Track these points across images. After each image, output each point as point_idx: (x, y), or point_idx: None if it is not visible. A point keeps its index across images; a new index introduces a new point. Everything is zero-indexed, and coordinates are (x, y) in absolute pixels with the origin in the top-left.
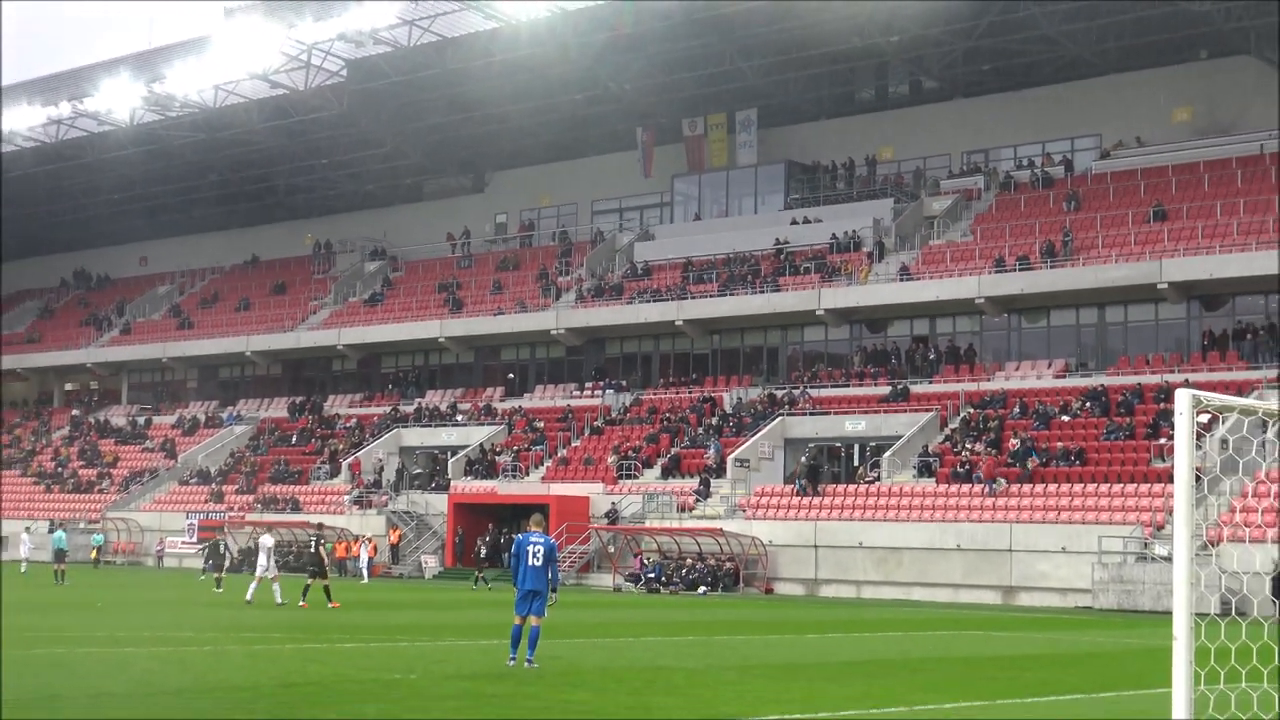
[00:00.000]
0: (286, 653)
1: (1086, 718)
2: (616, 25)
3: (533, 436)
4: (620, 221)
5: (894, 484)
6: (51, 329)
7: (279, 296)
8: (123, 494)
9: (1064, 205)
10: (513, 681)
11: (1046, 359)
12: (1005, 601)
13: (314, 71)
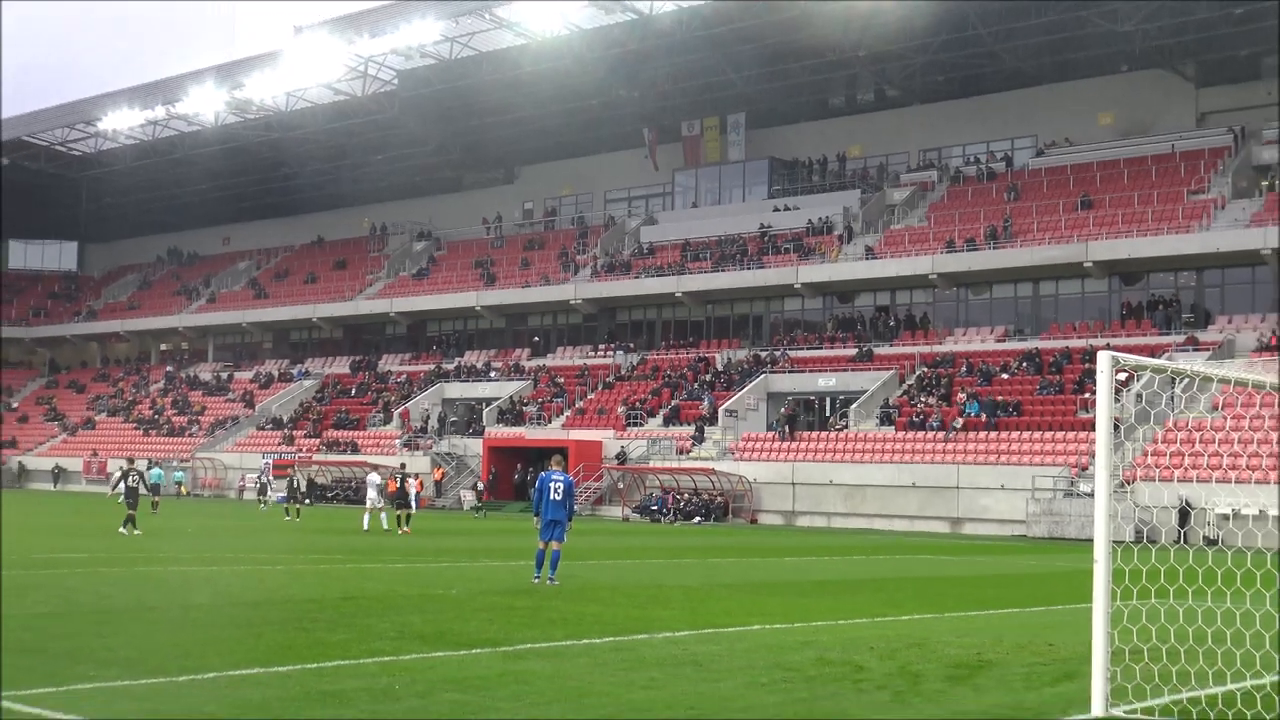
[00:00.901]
0: (347, 571)
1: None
2: (625, 42)
3: (554, 390)
4: (629, 208)
5: (859, 431)
6: (149, 298)
7: (340, 271)
8: (209, 438)
9: (1005, 196)
10: (537, 596)
11: (989, 326)
12: (953, 531)
13: (370, 80)
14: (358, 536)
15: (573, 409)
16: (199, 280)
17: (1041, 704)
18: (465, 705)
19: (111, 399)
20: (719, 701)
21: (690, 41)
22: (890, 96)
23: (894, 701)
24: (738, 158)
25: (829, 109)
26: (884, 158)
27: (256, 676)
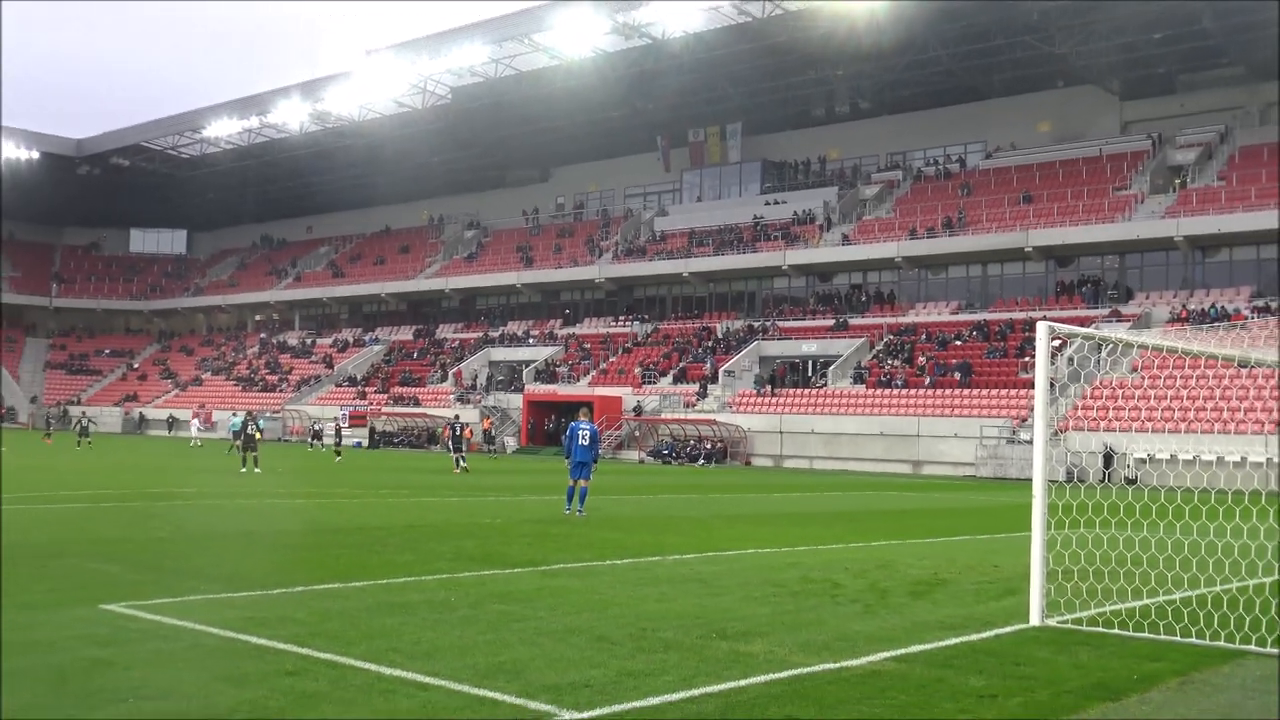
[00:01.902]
0: (411, 504)
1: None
2: (642, 63)
3: (582, 354)
4: (644, 202)
5: (836, 388)
6: (245, 277)
7: (404, 255)
8: (295, 393)
9: (959, 192)
10: (568, 525)
11: (945, 300)
12: (914, 472)
13: (428, 95)
14: (421, 475)
15: (597, 369)
16: (286, 262)
17: (988, 615)
18: (510, 614)
19: (215, 360)
20: (720, 611)
21: (696, 62)
22: (863, 108)
23: (865, 613)
24: (735, 160)
25: (811, 119)
26: (858, 160)
27: (336, 590)
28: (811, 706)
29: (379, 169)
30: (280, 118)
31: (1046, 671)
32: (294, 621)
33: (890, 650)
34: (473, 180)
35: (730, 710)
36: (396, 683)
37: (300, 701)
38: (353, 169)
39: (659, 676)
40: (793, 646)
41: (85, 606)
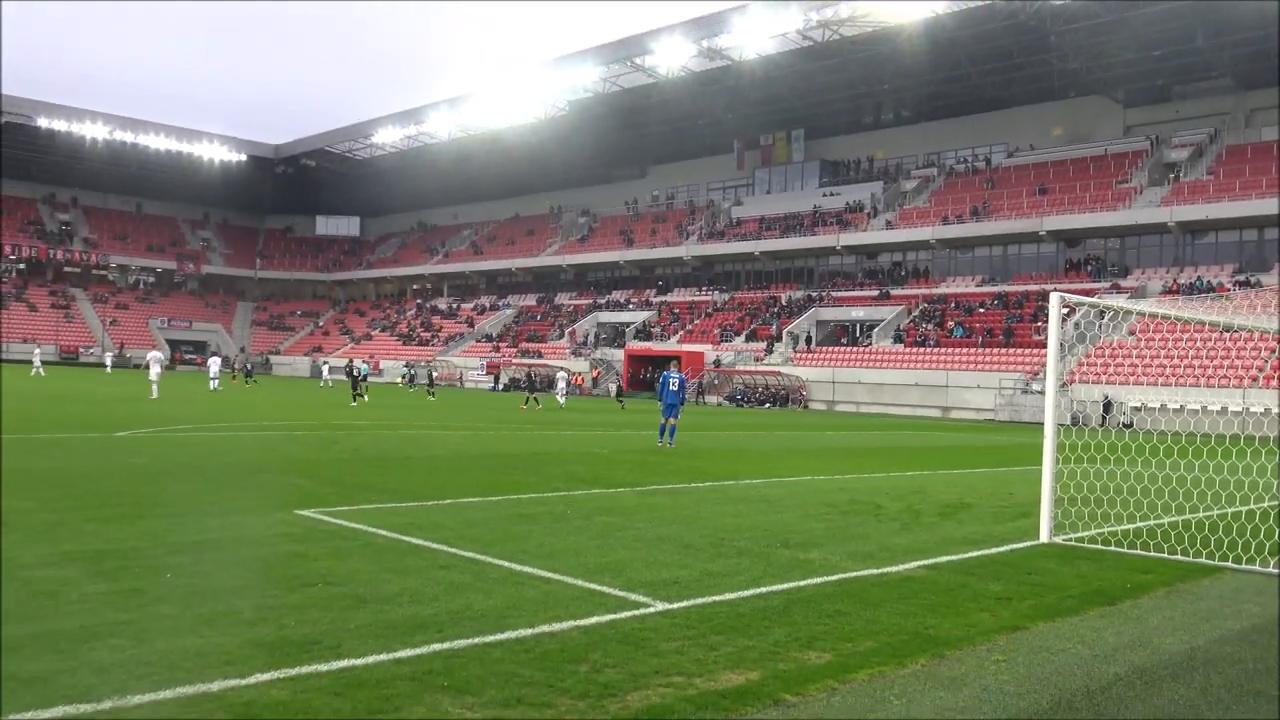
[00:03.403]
0: (535, 436)
1: (990, 481)
2: (722, 80)
3: (672, 317)
4: (723, 195)
5: (880, 346)
6: (405, 254)
7: (530, 237)
8: (444, 347)
9: (985, 185)
10: (662, 455)
11: (972, 275)
12: (943, 416)
13: (550, 108)
14: (543, 412)
15: (684, 330)
16: (437, 242)
17: (1005, 534)
18: (613, 525)
19: (381, 321)
20: (783, 526)
21: (767, 80)
22: (905, 116)
23: (902, 529)
24: (798, 159)
25: (862, 125)
26: (900, 159)
27: (476, 503)
28: (857, 603)
29: (510, 167)
30: (432, 127)
31: (1053, 580)
32: (444, 527)
33: (923, 560)
34: (585, 176)
35: (792, 604)
36: (525, 577)
37: (450, 590)
38: (490, 167)
39: (734, 576)
40: (842, 555)
41: (283, 511)
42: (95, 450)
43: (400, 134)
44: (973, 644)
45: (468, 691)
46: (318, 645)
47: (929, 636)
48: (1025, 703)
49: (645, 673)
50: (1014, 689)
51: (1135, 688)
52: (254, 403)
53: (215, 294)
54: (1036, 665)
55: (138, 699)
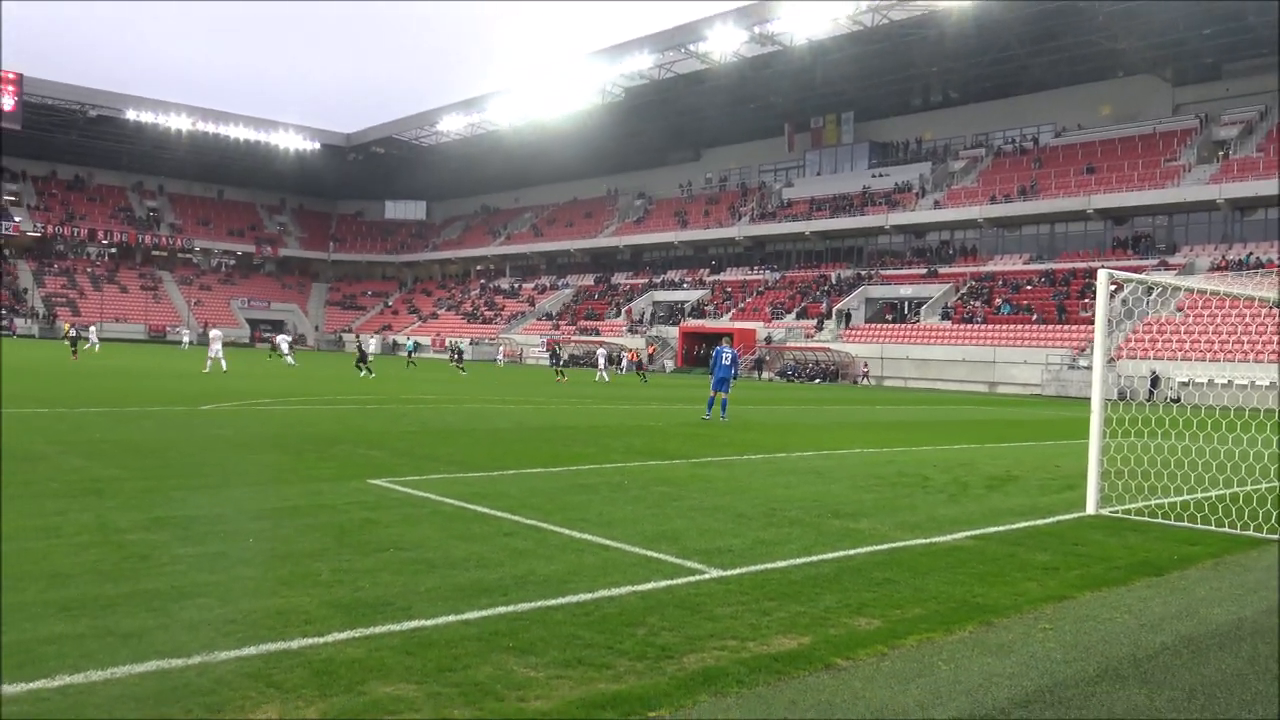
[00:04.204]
0: (593, 410)
1: (1037, 455)
2: (774, 64)
3: (725, 295)
4: (774, 176)
5: (927, 323)
6: (469, 237)
7: (588, 219)
8: (506, 325)
9: (1032, 165)
10: (713, 427)
11: (1019, 253)
12: (989, 391)
13: (607, 94)
14: (600, 386)
15: (736, 308)
16: (500, 225)
17: (1051, 505)
18: (669, 495)
19: (447, 300)
20: (833, 497)
21: (817, 64)
22: (953, 97)
23: (949, 501)
24: (848, 141)
25: (911, 107)
26: (948, 139)
27: (538, 473)
28: (906, 572)
29: (569, 152)
30: (494, 114)
31: (1100, 551)
32: (507, 496)
33: (970, 530)
34: (640, 160)
35: (842, 572)
36: (585, 544)
37: (513, 555)
38: (549, 152)
39: (785, 545)
40: (891, 525)
41: (357, 480)
42: (182, 423)
43: (464, 121)
44: (1020, 612)
45: (531, 652)
46: (390, 606)
47: (976, 604)
48: (1072, 670)
49: (700, 636)
50: (1060, 656)
51: (1182, 656)
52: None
53: (291, 275)
54: (1083, 634)
55: (224, 655)
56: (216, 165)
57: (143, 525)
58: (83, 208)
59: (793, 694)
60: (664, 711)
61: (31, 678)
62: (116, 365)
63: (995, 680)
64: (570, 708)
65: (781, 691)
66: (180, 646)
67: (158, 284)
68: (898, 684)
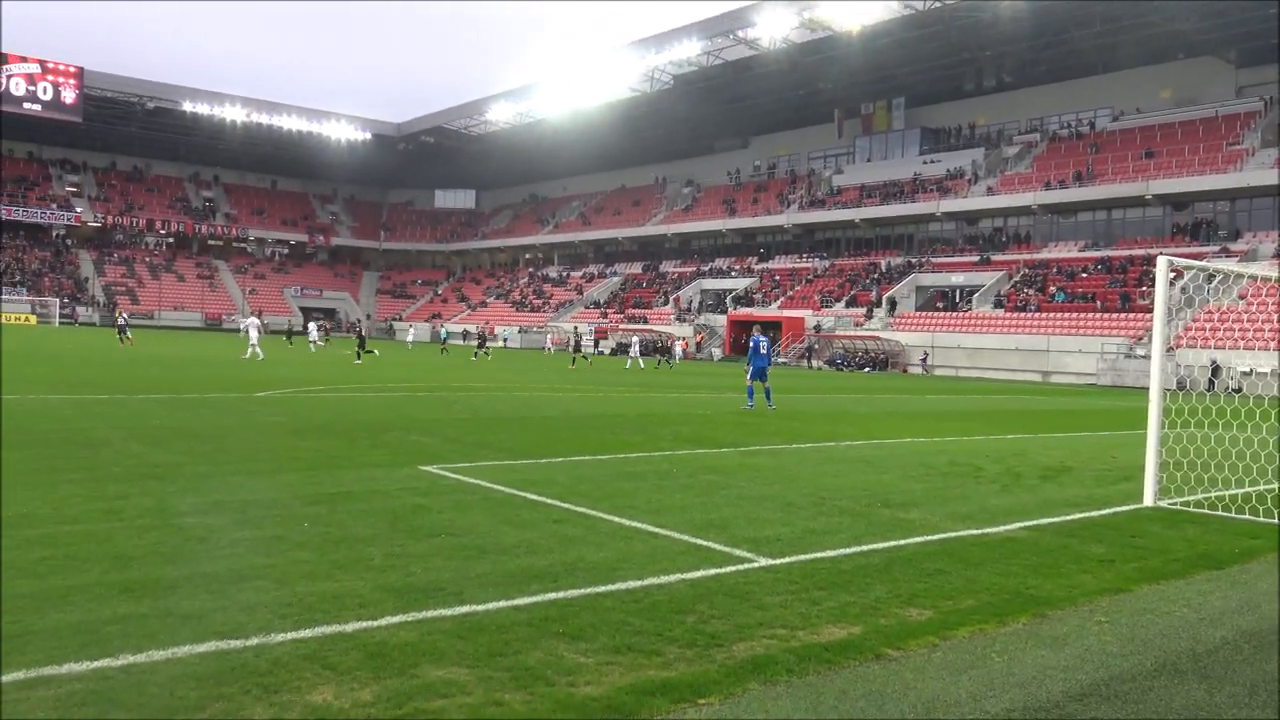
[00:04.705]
0: (641, 397)
1: (1092, 445)
2: (823, 50)
3: (773, 284)
4: (824, 163)
5: (979, 311)
6: (518, 226)
7: (636, 207)
8: (554, 313)
9: (1089, 150)
10: (761, 416)
11: (1074, 240)
12: (1043, 380)
13: (655, 82)
14: (647, 375)
15: (785, 296)
16: (548, 213)
17: (1107, 497)
18: (717, 483)
19: (495, 288)
20: (883, 486)
21: (868, 49)
22: (1007, 82)
23: (1002, 491)
24: (899, 127)
25: (963, 92)
26: (1002, 125)
27: (586, 460)
28: (958, 562)
29: (617, 140)
30: (542, 103)
31: (1158, 543)
32: (557, 483)
33: (1023, 521)
34: (689, 148)
35: (892, 562)
36: (633, 531)
37: (563, 542)
38: (597, 141)
39: (835, 534)
40: (942, 515)
41: (408, 467)
42: (238, 409)
43: (513, 110)
44: (1075, 604)
45: (581, 638)
46: (442, 591)
47: (1030, 596)
48: (1129, 663)
49: (750, 625)
50: (1117, 649)
51: (1243, 652)
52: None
53: (343, 264)
54: (1140, 627)
55: (280, 637)
56: (270, 156)
57: (201, 509)
58: (141, 198)
59: (843, 683)
60: (714, 699)
61: (96, 656)
62: (173, 353)
63: (1049, 673)
64: (620, 694)
65: (831, 681)
66: (238, 628)
67: (213, 273)
68: (949, 675)
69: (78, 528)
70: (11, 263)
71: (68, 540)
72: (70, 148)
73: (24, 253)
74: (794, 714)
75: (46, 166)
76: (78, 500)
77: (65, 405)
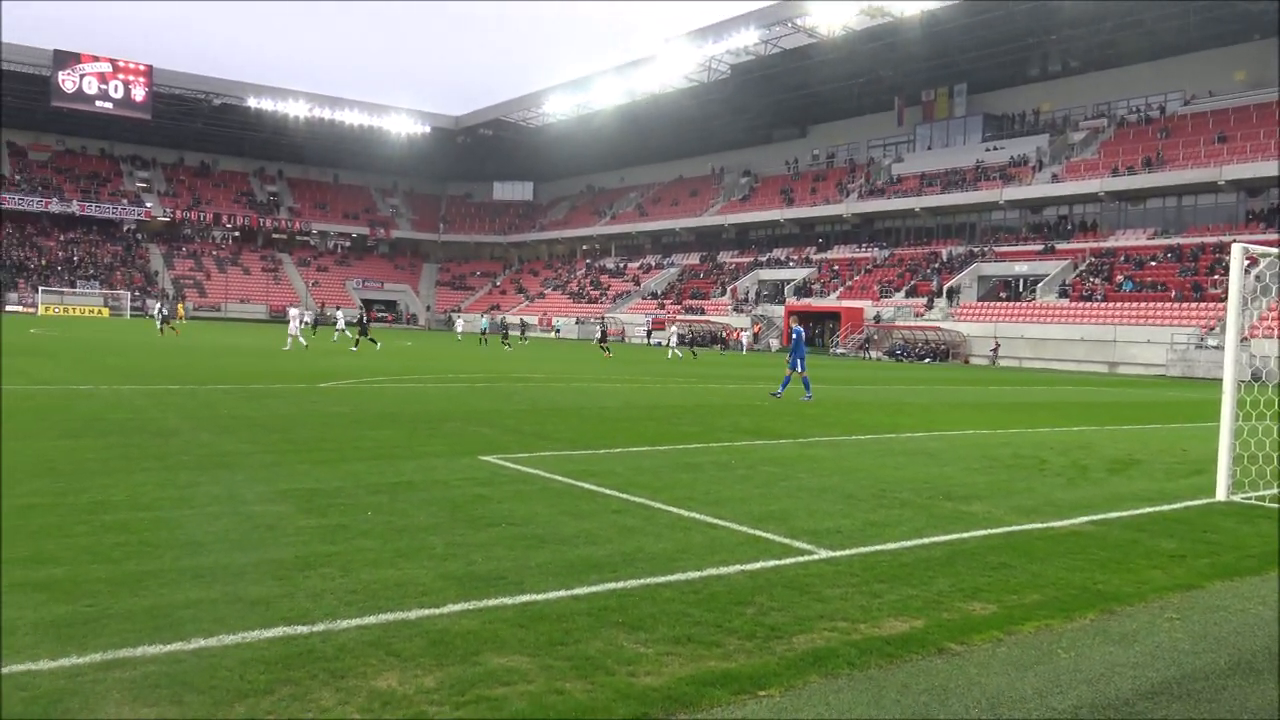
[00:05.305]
0: (697, 389)
1: (1162, 438)
2: (883, 37)
3: (832, 274)
4: (883, 152)
5: (1044, 301)
6: (575, 217)
7: (693, 198)
8: (612, 304)
9: (1159, 135)
10: (820, 406)
11: (1143, 228)
12: (1109, 371)
13: (712, 72)
14: (703, 366)
15: (844, 286)
16: (605, 205)
17: (1178, 491)
18: (776, 474)
19: (553, 280)
20: (944, 479)
21: (929, 35)
22: (1073, 66)
23: (1068, 484)
24: (960, 114)
25: (1027, 77)
26: (1068, 110)
27: (645, 451)
28: (1022, 557)
29: (674, 131)
30: (600, 95)
31: (1231, 539)
32: (615, 474)
33: (1090, 515)
34: (746, 138)
35: (955, 556)
36: (692, 522)
37: (622, 532)
38: (654, 132)
39: (896, 527)
40: (1006, 509)
41: (469, 457)
42: (303, 399)
43: (569, 102)
44: (1144, 600)
45: (641, 628)
46: (502, 580)
47: (1098, 592)
48: (1201, 661)
49: (810, 617)
50: (1189, 647)
51: None
52: (432, 355)
53: (404, 256)
54: (1213, 624)
55: (345, 623)
56: (332, 150)
57: (268, 497)
58: (208, 193)
59: (905, 677)
60: (774, 691)
61: (169, 640)
62: (239, 344)
63: (1118, 670)
64: (680, 684)
65: (893, 675)
66: (305, 613)
67: (278, 265)
68: (1015, 671)
69: (151, 514)
70: (85, 257)
71: (141, 526)
72: (140, 144)
73: (97, 247)
74: (855, 707)
75: (118, 163)
76: (151, 487)
77: (138, 395)
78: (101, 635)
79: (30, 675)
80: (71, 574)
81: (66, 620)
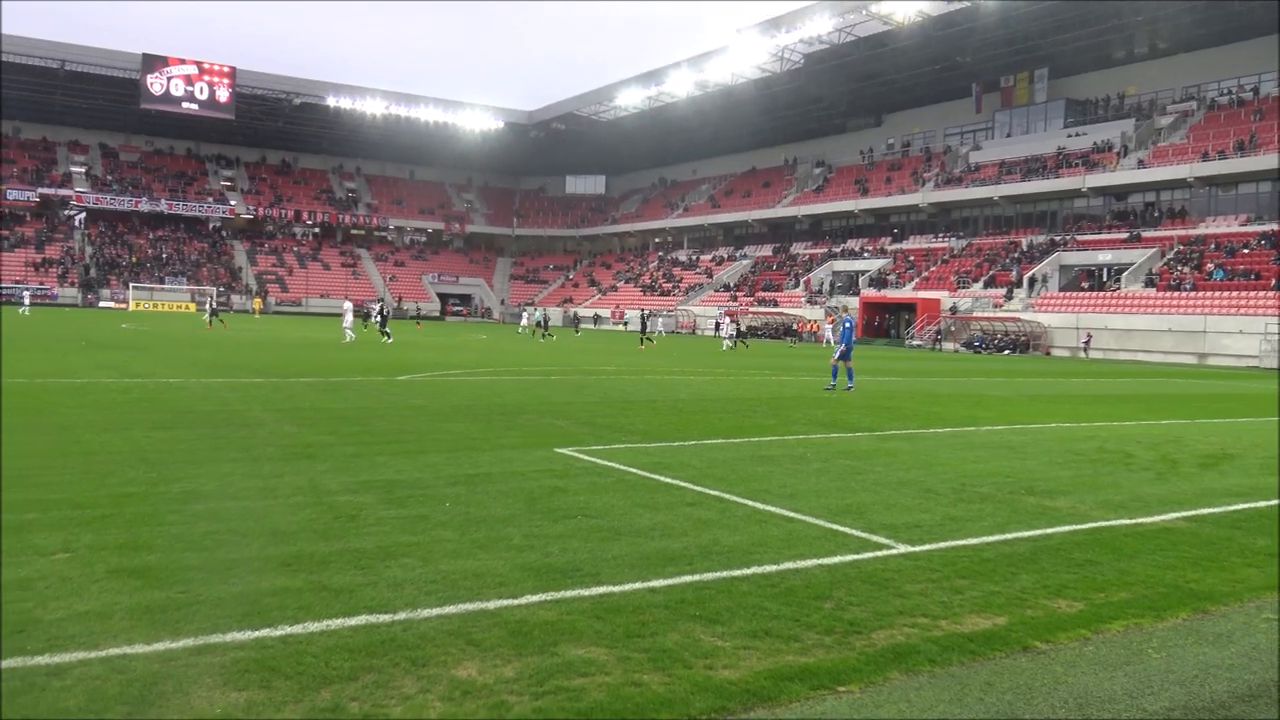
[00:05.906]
0: (771, 381)
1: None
2: (960, 22)
3: (907, 265)
4: (961, 140)
5: (1129, 291)
6: (647, 210)
7: (766, 189)
8: (684, 297)
9: (1252, 118)
10: (896, 399)
11: (1235, 214)
12: (1199, 363)
13: (785, 62)
14: (778, 359)
15: (920, 277)
16: (677, 197)
17: (1274, 487)
18: (853, 468)
19: (625, 273)
20: (1027, 473)
21: (1008, 19)
22: (1160, 48)
23: (1157, 479)
24: (1041, 100)
25: (1112, 61)
26: (1154, 94)
27: (719, 444)
28: (1110, 554)
29: (746, 122)
30: (671, 87)
31: None
32: (690, 467)
33: (1181, 511)
34: (819, 127)
35: (1039, 552)
36: (768, 515)
37: (697, 525)
38: (726, 123)
39: (977, 522)
40: (1092, 504)
41: (544, 449)
42: (382, 392)
43: (642, 95)
44: (1239, 600)
45: (718, 621)
46: (579, 572)
47: (1190, 590)
48: None
49: (890, 612)
50: None
51: None
52: (508, 349)
53: (478, 251)
54: None
55: (426, 613)
56: (408, 146)
57: (350, 488)
58: (289, 190)
59: (988, 675)
60: (854, 687)
61: (257, 626)
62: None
63: (1212, 671)
64: (758, 678)
65: (976, 672)
66: (386, 603)
67: (356, 261)
68: (1103, 671)
69: (238, 504)
70: (173, 254)
71: (230, 516)
72: (224, 144)
73: (184, 244)
74: (937, 705)
75: (203, 162)
76: (238, 477)
77: (224, 388)
78: (193, 621)
79: (126, 658)
80: (164, 561)
81: (160, 606)
